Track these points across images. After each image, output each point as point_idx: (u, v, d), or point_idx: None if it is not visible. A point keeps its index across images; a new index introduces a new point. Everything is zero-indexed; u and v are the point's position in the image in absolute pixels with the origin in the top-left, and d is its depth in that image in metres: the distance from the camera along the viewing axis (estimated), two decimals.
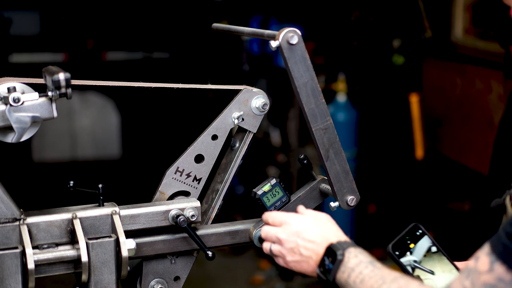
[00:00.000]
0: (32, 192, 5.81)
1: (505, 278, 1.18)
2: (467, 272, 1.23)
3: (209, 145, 1.72)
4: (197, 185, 1.73)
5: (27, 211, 1.55)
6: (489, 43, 4.52)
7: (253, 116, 1.73)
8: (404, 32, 5.26)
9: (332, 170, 1.63)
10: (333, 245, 1.46)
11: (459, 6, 4.90)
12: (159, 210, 1.64)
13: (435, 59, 5.11)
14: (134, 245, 1.58)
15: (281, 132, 5.59)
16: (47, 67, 1.50)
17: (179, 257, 1.73)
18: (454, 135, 4.89)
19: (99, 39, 6.99)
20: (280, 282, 5.00)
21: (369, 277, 1.38)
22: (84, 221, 1.56)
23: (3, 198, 1.49)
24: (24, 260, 1.48)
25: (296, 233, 1.52)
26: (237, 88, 1.73)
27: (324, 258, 1.47)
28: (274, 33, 1.56)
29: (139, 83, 1.68)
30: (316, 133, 1.60)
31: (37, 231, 1.53)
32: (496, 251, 1.19)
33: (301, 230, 1.52)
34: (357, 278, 1.40)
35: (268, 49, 5.27)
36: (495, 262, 1.19)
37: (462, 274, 1.24)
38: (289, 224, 1.54)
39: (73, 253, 1.54)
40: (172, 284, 1.73)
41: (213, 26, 1.91)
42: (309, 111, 1.58)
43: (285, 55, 1.54)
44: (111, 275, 1.56)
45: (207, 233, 1.71)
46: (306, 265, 1.51)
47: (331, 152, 1.62)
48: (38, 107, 1.47)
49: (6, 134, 1.50)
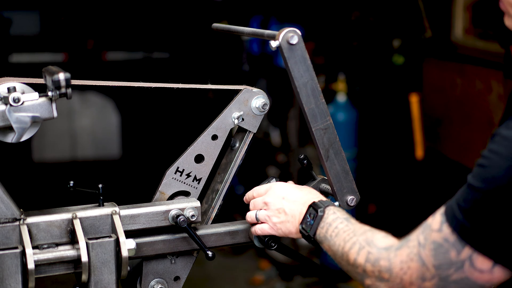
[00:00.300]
0: (32, 192, 5.81)
1: (449, 238, 1.27)
2: (424, 227, 1.33)
3: (209, 145, 1.72)
4: (197, 185, 1.73)
5: (27, 211, 1.55)
6: (489, 43, 4.52)
7: (253, 116, 1.73)
8: (404, 32, 5.26)
9: (332, 170, 1.63)
10: (315, 203, 1.55)
11: (459, 6, 4.89)
12: (159, 210, 1.64)
13: (435, 59, 5.11)
14: (134, 245, 1.58)
15: (281, 132, 5.59)
16: (47, 67, 1.50)
17: (179, 257, 1.73)
18: (454, 135, 4.89)
19: (99, 39, 6.99)
20: (280, 282, 5.00)
21: (343, 231, 1.46)
22: (84, 221, 1.56)
23: (3, 198, 1.49)
24: (24, 260, 1.48)
25: (281, 196, 1.61)
26: (237, 88, 1.73)
27: (307, 215, 1.55)
28: (274, 33, 1.56)
29: (139, 83, 1.68)
30: (316, 133, 1.60)
31: (37, 231, 1.53)
32: (446, 213, 1.29)
33: (285, 193, 1.61)
34: (333, 232, 1.48)
35: (268, 49, 5.27)
36: (444, 223, 1.29)
37: (419, 228, 1.34)
38: (274, 190, 1.63)
39: (73, 253, 1.54)
40: (172, 284, 1.73)
41: (213, 26, 1.91)
42: (309, 111, 1.58)
43: (285, 55, 1.54)
44: (111, 275, 1.56)
45: (207, 233, 1.71)
46: (290, 225, 1.58)
47: (331, 152, 1.62)
48: (38, 107, 1.47)
49: (6, 134, 1.50)
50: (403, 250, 1.33)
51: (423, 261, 1.30)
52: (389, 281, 1.34)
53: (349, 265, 1.42)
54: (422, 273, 1.30)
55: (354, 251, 1.41)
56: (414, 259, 1.31)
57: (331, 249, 1.48)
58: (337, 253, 1.46)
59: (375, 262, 1.36)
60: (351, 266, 1.42)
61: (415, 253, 1.31)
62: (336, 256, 1.47)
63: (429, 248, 1.30)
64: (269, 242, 1.67)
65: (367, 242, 1.41)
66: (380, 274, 1.35)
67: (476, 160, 1.34)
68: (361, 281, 1.41)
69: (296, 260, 1.81)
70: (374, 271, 1.36)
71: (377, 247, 1.38)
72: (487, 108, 4.45)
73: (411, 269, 1.31)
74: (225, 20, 5.88)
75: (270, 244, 1.68)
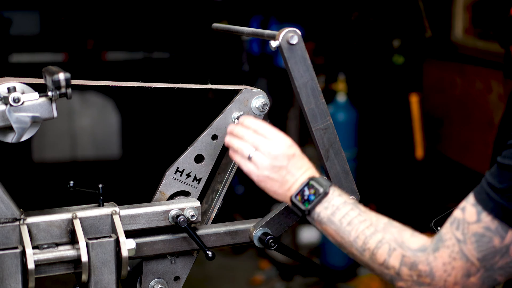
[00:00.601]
0: (32, 192, 5.81)
1: (491, 226, 1.26)
2: (456, 223, 1.30)
3: (209, 145, 1.72)
4: (197, 185, 1.73)
5: (27, 211, 1.55)
6: (489, 43, 4.52)
7: (253, 116, 1.73)
8: (404, 32, 5.26)
9: (332, 170, 1.63)
10: (317, 179, 1.46)
11: (459, 6, 4.89)
12: (159, 210, 1.64)
13: (435, 59, 5.11)
14: (134, 245, 1.58)
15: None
16: (47, 67, 1.50)
17: (179, 257, 1.73)
18: (454, 135, 4.89)
19: (99, 39, 6.99)
20: (280, 282, 5.00)
21: (359, 221, 1.39)
22: (84, 221, 1.56)
23: (3, 198, 1.49)
24: (24, 260, 1.48)
25: (288, 156, 1.48)
26: (237, 88, 1.73)
27: (304, 188, 1.46)
28: (274, 33, 1.56)
29: (139, 83, 1.68)
30: (316, 133, 1.60)
31: (37, 231, 1.53)
32: (481, 201, 1.27)
33: (293, 155, 1.49)
34: (344, 219, 1.40)
35: (268, 49, 5.27)
36: (481, 212, 1.26)
37: (452, 225, 1.31)
38: (284, 141, 1.50)
39: (73, 253, 1.54)
40: (172, 284, 1.73)
41: (213, 26, 1.91)
42: (309, 111, 1.58)
43: (285, 55, 1.54)
44: (111, 275, 1.56)
45: (207, 233, 1.71)
46: (280, 188, 1.48)
47: (331, 152, 1.62)
48: (38, 107, 1.47)
49: (6, 134, 1.50)
50: (443, 252, 1.30)
51: (466, 257, 1.28)
52: (430, 285, 1.31)
53: (374, 263, 1.37)
54: (467, 269, 1.28)
55: (383, 251, 1.35)
56: (457, 258, 1.28)
57: (339, 235, 1.41)
58: (351, 244, 1.39)
59: (413, 266, 1.32)
60: (378, 265, 1.36)
61: (457, 251, 1.28)
62: (346, 246, 1.41)
63: (470, 242, 1.27)
64: (269, 242, 1.67)
65: (397, 243, 1.35)
66: (419, 279, 1.31)
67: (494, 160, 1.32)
68: (391, 281, 1.37)
69: (296, 260, 1.81)
70: (412, 275, 1.32)
71: (411, 250, 1.33)
72: (487, 108, 4.45)
73: (456, 268, 1.29)
74: (225, 20, 5.88)
75: (270, 244, 1.68)
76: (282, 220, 1.72)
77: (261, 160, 1.49)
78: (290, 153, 1.48)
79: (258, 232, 1.70)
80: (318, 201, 1.44)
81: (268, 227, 1.71)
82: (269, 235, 1.69)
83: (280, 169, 1.48)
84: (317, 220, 1.45)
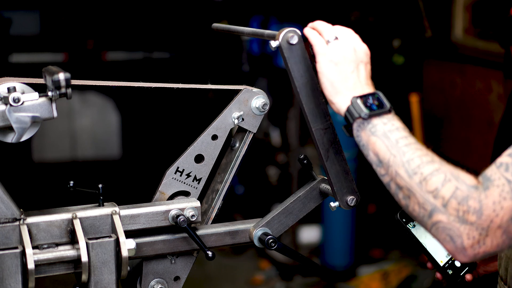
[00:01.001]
0: (32, 192, 5.81)
1: None
2: (505, 166, 1.26)
3: (209, 145, 1.72)
4: (197, 185, 1.73)
5: (27, 211, 1.55)
6: (489, 43, 4.53)
7: (253, 116, 1.73)
8: (404, 32, 5.26)
9: (332, 170, 1.63)
10: (383, 96, 1.43)
11: (459, 6, 4.90)
12: (159, 210, 1.64)
13: (435, 59, 5.11)
14: (134, 245, 1.58)
15: (281, 132, 5.59)
16: (47, 67, 1.50)
17: (179, 257, 1.73)
18: (454, 135, 4.89)
19: (99, 39, 6.99)
20: (280, 282, 5.00)
21: (416, 147, 1.34)
22: (84, 221, 1.56)
23: (3, 198, 1.49)
24: (24, 260, 1.48)
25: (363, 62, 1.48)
26: (237, 88, 1.73)
27: (369, 96, 1.41)
28: (274, 33, 1.56)
29: (139, 83, 1.68)
30: (316, 133, 1.60)
31: (37, 231, 1.53)
32: None
33: (366, 63, 1.49)
34: (402, 140, 1.35)
35: (268, 49, 5.27)
36: None
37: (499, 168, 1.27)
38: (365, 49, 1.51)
39: (73, 253, 1.54)
40: (172, 284, 1.73)
41: (213, 26, 1.91)
42: (309, 111, 1.58)
43: (285, 55, 1.53)
44: (111, 275, 1.56)
45: (207, 233, 1.71)
46: (342, 81, 1.44)
47: (331, 152, 1.62)
48: (38, 107, 1.47)
49: (6, 134, 1.50)
50: (493, 190, 1.25)
51: None
52: (474, 224, 1.24)
53: (421, 188, 1.30)
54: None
55: (438, 179, 1.28)
56: (507, 198, 1.24)
57: (390, 152, 1.35)
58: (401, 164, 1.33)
59: (463, 200, 1.25)
60: (425, 191, 1.30)
61: (507, 190, 1.24)
62: (394, 164, 1.34)
63: None
64: (269, 242, 1.67)
65: (454, 175, 1.29)
66: (464, 215, 1.25)
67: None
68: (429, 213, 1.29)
69: (296, 260, 1.81)
70: (459, 209, 1.25)
71: (466, 185, 1.27)
72: (487, 108, 4.45)
73: (504, 209, 1.24)
74: (225, 20, 5.89)
75: (270, 244, 1.68)
76: (282, 220, 1.72)
77: (339, 46, 1.47)
78: (366, 61, 1.49)
79: (258, 232, 1.70)
80: (379, 113, 1.39)
81: (268, 227, 1.71)
82: (269, 235, 1.69)
83: (351, 63, 1.46)
84: (368, 130, 1.38)
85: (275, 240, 1.68)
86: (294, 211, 1.72)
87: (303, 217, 1.75)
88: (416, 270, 4.87)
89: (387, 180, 1.38)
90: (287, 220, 1.72)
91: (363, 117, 1.38)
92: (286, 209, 1.72)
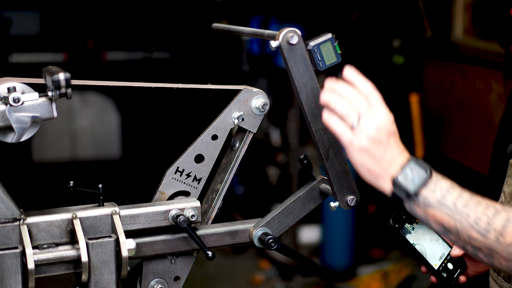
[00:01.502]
0: (32, 192, 5.81)
1: None
2: None
3: (209, 145, 1.72)
4: (197, 185, 1.73)
5: (27, 211, 1.55)
6: (489, 43, 4.53)
7: (253, 116, 1.73)
8: (404, 32, 5.26)
9: (332, 170, 1.63)
10: (418, 160, 1.34)
11: (459, 6, 4.90)
12: (159, 210, 1.64)
13: (435, 59, 5.11)
14: (134, 245, 1.58)
15: (281, 132, 5.59)
16: (47, 67, 1.50)
17: (179, 257, 1.73)
18: (454, 135, 4.89)
19: (99, 39, 6.99)
20: (280, 282, 5.00)
21: (474, 202, 1.29)
22: (84, 221, 1.56)
23: (3, 198, 1.49)
24: (24, 260, 1.48)
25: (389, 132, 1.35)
26: (237, 88, 1.73)
27: (407, 169, 1.33)
28: (274, 33, 1.56)
29: (139, 83, 1.68)
30: (316, 133, 1.60)
31: (37, 231, 1.53)
32: None
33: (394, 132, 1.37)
34: (458, 201, 1.30)
35: (268, 49, 5.27)
36: None
37: None
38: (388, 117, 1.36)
39: (73, 253, 1.53)
40: (172, 284, 1.73)
41: (213, 26, 1.90)
42: (309, 111, 1.58)
43: (285, 55, 1.53)
44: (111, 275, 1.56)
45: (207, 233, 1.71)
46: (376, 165, 1.34)
47: (331, 152, 1.62)
48: (38, 107, 1.47)
49: (6, 134, 1.50)
50: None
51: None
52: None
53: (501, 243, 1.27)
54: None
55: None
56: None
57: (454, 219, 1.30)
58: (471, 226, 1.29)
59: None
60: (506, 245, 1.27)
61: None
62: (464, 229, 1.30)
63: None
64: (269, 242, 1.67)
65: None
66: None
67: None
68: None
69: (296, 260, 1.81)
70: None
71: None
72: (487, 108, 4.45)
73: None
74: (225, 20, 5.88)
75: (270, 244, 1.68)
76: (282, 220, 1.72)
77: (364, 130, 1.34)
78: (392, 130, 1.36)
79: (258, 232, 1.70)
80: (423, 183, 1.32)
81: (268, 227, 1.71)
82: (269, 235, 1.69)
83: (381, 144, 1.34)
84: (422, 204, 1.33)
85: (275, 240, 1.68)
86: (294, 211, 1.72)
87: (303, 217, 1.75)
88: (416, 270, 4.87)
89: (460, 245, 1.34)
90: (287, 220, 1.71)
91: (411, 196, 1.34)
92: (286, 209, 1.72)
